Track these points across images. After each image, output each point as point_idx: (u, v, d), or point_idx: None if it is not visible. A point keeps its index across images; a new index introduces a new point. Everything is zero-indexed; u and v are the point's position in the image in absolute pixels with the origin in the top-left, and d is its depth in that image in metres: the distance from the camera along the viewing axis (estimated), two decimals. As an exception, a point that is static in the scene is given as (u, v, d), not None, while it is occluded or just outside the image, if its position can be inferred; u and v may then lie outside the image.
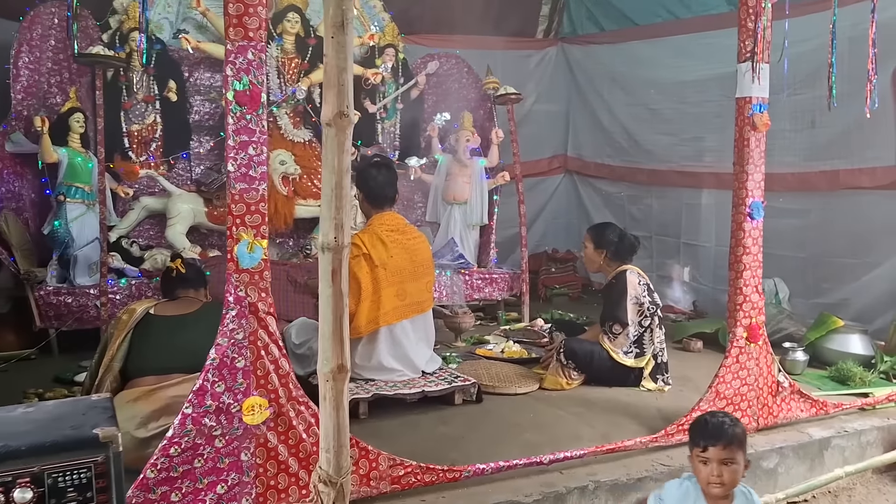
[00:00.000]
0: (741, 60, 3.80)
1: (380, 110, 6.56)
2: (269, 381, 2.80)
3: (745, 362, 3.84)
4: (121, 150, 5.67)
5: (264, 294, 2.79)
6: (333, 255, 2.23)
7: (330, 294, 2.25)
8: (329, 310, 2.25)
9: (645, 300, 4.43)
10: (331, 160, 2.22)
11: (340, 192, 2.23)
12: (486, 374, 4.45)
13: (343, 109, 2.20)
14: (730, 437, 2.55)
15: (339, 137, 2.22)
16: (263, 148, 2.77)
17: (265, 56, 2.76)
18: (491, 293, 6.29)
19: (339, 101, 2.21)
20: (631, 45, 7.26)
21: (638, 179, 7.28)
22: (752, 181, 3.81)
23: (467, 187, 6.35)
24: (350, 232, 2.26)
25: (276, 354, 2.81)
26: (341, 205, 2.23)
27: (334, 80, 2.21)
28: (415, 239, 4.18)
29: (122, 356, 3.15)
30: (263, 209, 2.78)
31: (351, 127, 2.23)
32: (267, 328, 2.79)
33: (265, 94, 2.76)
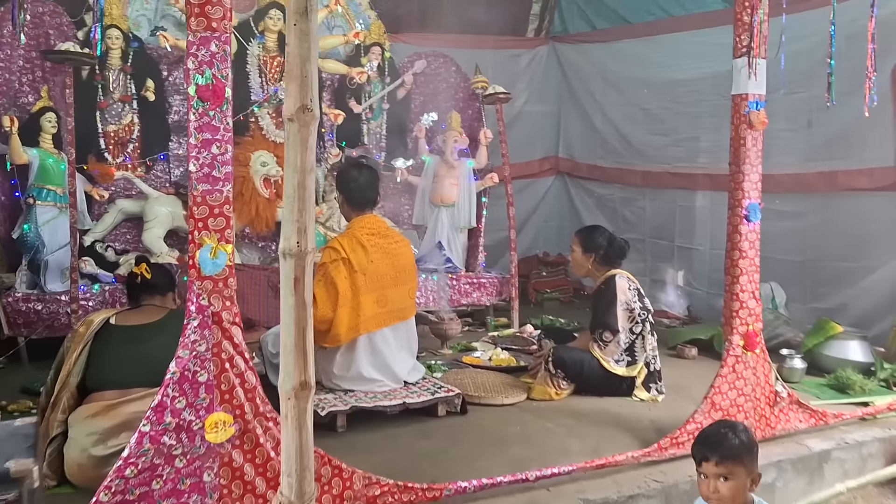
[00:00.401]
0: (737, 56, 3.64)
1: (365, 110, 6.39)
2: (235, 396, 2.62)
3: (741, 372, 3.68)
4: (96, 151, 5.47)
5: (229, 303, 2.62)
6: (296, 261, 2.06)
7: (292, 304, 2.08)
8: (291, 321, 2.08)
9: (635, 306, 4.26)
10: (293, 158, 2.04)
11: (304, 192, 2.05)
12: (471, 383, 4.27)
13: (307, 103, 2.03)
14: (724, 452, 2.36)
15: (302, 133, 2.04)
16: (228, 146, 2.60)
17: (230, 49, 2.58)
18: (479, 298, 6.12)
19: (302, 94, 2.03)
20: (623, 43, 7.11)
21: (631, 181, 7.11)
22: (748, 182, 3.65)
23: (455, 189, 6.18)
24: (314, 236, 2.09)
25: (241, 367, 2.63)
26: (305, 207, 2.05)
27: (297, 71, 2.03)
28: (397, 243, 4.01)
29: (80, 370, 2.95)
30: (228, 212, 2.61)
31: (315, 122, 2.05)
32: (232, 339, 2.62)
33: (230, 88, 2.58)
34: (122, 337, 3.01)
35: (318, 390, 3.88)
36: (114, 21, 5.46)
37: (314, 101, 2.03)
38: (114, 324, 3.06)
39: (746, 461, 2.37)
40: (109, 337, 3.00)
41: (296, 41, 2.01)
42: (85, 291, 4.82)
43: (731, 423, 2.51)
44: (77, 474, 2.86)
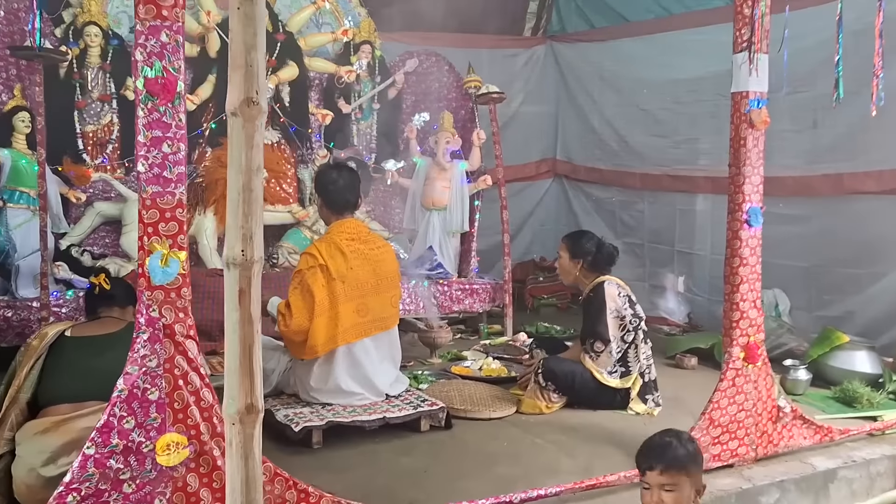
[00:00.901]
0: (737, 51, 3.44)
1: (355, 111, 6.19)
2: (189, 416, 2.42)
3: (742, 386, 3.47)
4: (73, 151, 5.28)
5: (183, 314, 2.42)
6: (241, 271, 1.86)
7: (237, 319, 1.87)
8: (236, 338, 1.88)
9: (626, 313, 4.05)
10: (237, 157, 1.84)
11: (250, 195, 1.85)
12: (458, 395, 4.07)
13: (251, 95, 1.82)
14: (669, 460, 2.22)
15: (247, 129, 1.84)
16: (181, 145, 2.40)
17: (182, 39, 2.38)
18: (471, 305, 5.90)
19: (246, 86, 1.83)
20: (622, 42, 6.89)
21: (629, 184, 6.90)
22: (749, 185, 3.44)
23: (447, 192, 5.97)
24: (261, 244, 1.89)
25: (197, 384, 2.43)
26: (251, 211, 1.85)
27: (241, 59, 1.83)
28: (379, 249, 3.80)
29: (31, 386, 2.74)
30: (181, 216, 2.40)
31: (262, 116, 1.85)
32: (186, 354, 2.42)
33: (183, 82, 2.38)
34: (77, 349, 2.81)
35: (295, 403, 3.68)
36: (93, 18, 5.27)
37: (261, 93, 1.83)
38: (69, 336, 2.85)
39: (692, 471, 2.25)
40: (63, 349, 2.80)
41: (239, 26, 1.82)
42: (58, 298, 4.62)
43: (676, 432, 2.38)
44: (26, 495, 2.66)
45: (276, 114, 5.68)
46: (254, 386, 1.86)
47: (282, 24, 5.73)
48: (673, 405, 4.20)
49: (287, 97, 5.75)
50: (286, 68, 5.66)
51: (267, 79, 5.46)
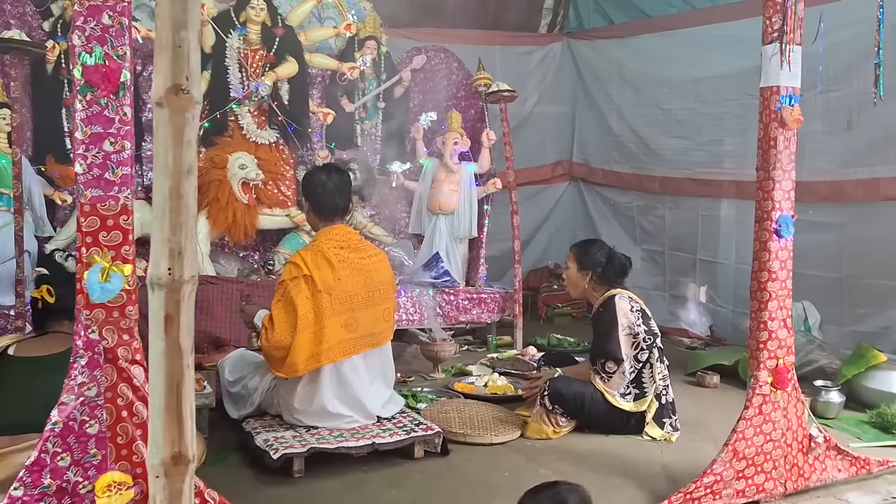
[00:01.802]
0: (767, 41, 3.08)
1: (359, 109, 5.89)
2: (135, 452, 2.13)
3: (769, 413, 3.12)
4: (60, 151, 5.04)
5: (127, 336, 2.13)
6: (168, 294, 1.55)
7: (162, 351, 1.56)
8: (161, 373, 1.57)
9: (640, 329, 3.71)
10: (163, 156, 1.53)
11: (179, 202, 1.54)
12: (457, 417, 3.74)
13: (180, 82, 1.51)
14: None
15: (175, 122, 1.52)
16: (126, 142, 2.10)
17: (127, 22, 2.09)
18: (479, 315, 5.57)
19: (174, 70, 1.51)
20: (642, 38, 6.54)
21: (649, 188, 6.54)
22: (779, 191, 3.09)
23: (454, 196, 5.65)
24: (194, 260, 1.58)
25: (144, 416, 2.14)
26: (180, 221, 1.54)
27: (168, 39, 1.51)
28: (370, 258, 3.49)
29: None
30: (126, 224, 2.11)
31: (194, 108, 1.54)
32: (131, 381, 2.13)
33: (127, 70, 2.09)
34: (19, 371, 2.51)
35: (278, 426, 3.38)
36: (82, 11, 5.01)
37: (193, 79, 1.52)
38: (11, 354, 2.54)
39: None
40: (3, 370, 2.50)
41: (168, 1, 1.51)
42: (37, 305, 4.35)
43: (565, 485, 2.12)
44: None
45: (274, 112, 5.39)
46: (183, 432, 1.55)
47: (281, 18, 5.45)
48: (693, 430, 3.86)
49: (286, 95, 5.46)
50: (285, 64, 5.37)
51: (265, 75, 5.24)
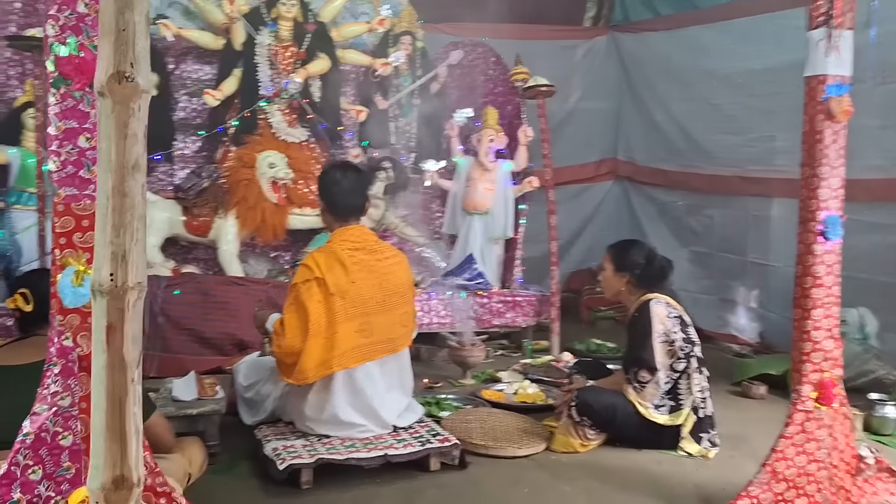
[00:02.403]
0: (813, 26, 2.82)
1: (393, 107, 5.75)
2: (112, 465, 2.00)
3: (813, 431, 2.86)
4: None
5: (104, 343, 1.99)
6: (110, 301, 1.42)
7: (104, 364, 1.43)
8: (102, 388, 1.44)
9: (676, 337, 3.47)
10: (106, 151, 1.41)
11: (122, 201, 1.41)
12: (479, 428, 3.56)
13: (124, 69, 1.38)
14: None
15: (118, 114, 1.40)
16: (101, 138, 1.98)
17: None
18: (514, 319, 5.38)
19: (117, 56, 1.38)
20: (690, 30, 6.25)
21: (696, 186, 6.24)
22: (826, 188, 2.83)
23: (489, 195, 5.47)
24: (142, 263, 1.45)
25: (122, 427, 2.01)
26: (124, 222, 1.41)
27: (111, 23, 1.39)
28: (387, 259, 3.33)
29: None
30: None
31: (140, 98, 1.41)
32: (108, 391, 2.00)
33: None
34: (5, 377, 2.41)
35: (290, 434, 3.25)
36: (113, 9, 4.98)
37: (138, 65, 1.39)
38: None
39: None
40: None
41: (109, -22, 1.37)
42: (61, 306, 4.33)
43: None
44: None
45: (305, 110, 5.28)
46: (126, 453, 1.42)
47: (313, 14, 5.34)
48: (733, 445, 3.60)
49: (317, 92, 5.35)
50: (316, 61, 5.26)
51: (295, 72, 5.14)
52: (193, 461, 2.71)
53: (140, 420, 1.44)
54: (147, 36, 1.38)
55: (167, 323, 4.28)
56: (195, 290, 4.40)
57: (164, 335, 4.27)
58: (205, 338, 4.34)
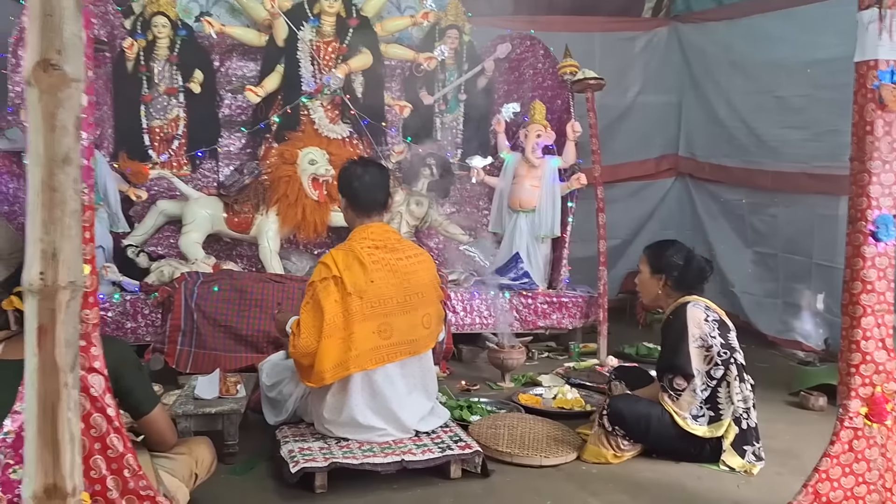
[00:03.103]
0: (863, 6, 2.60)
1: (438, 102, 5.64)
2: (93, 467, 1.96)
3: (862, 451, 2.62)
4: (138, 147, 5.09)
5: (84, 342, 1.95)
6: (40, 302, 1.35)
7: (35, 367, 1.37)
8: (34, 393, 1.37)
9: (714, 342, 3.24)
10: (35, 143, 1.33)
11: (51, 196, 1.34)
12: (507, 434, 3.41)
13: (50, 57, 1.31)
14: None
15: (45, 104, 1.33)
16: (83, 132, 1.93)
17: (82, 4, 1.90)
18: (559, 320, 5.20)
19: (43, 44, 1.31)
20: (754, 19, 5.92)
21: (760, 184, 5.91)
22: (877, 185, 2.61)
23: (536, 192, 5.30)
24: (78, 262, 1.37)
25: (103, 428, 1.97)
26: (55, 218, 1.34)
27: (37, 8, 1.32)
28: (409, 259, 3.22)
29: None
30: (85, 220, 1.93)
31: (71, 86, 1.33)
32: (88, 391, 1.96)
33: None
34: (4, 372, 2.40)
35: (309, 435, 3.18)
36: (161, 8, 5.05)
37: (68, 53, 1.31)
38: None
39: None
40: (-14, 373, 2.39)
41: (37, -40, 1.30)
42: (104, 300, 4.39)
43: None
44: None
45: (347, 106, 5.23)
46: (59, 460, 1.35)
47: (356, 8, 5.28)
48: (782, 460, 3.36)
49: (360, 88, 5.29)
50: (358, 56, 5.20)
51: (336, 68, 5.09)
52: (201, 462, 2.66)
53: (76, 426, 1.36)
54: (78, 20, 1.30)
55: (203, 319, 4.28)
56: (231, 287, 4.39)
57: (200, 331, 4.27)
58: (241, 335, 4.32)
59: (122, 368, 2.36)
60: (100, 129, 5.08)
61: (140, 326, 4.46)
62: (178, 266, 4.72)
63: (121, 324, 4.41)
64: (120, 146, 5.09)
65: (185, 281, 4.35)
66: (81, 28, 1.32)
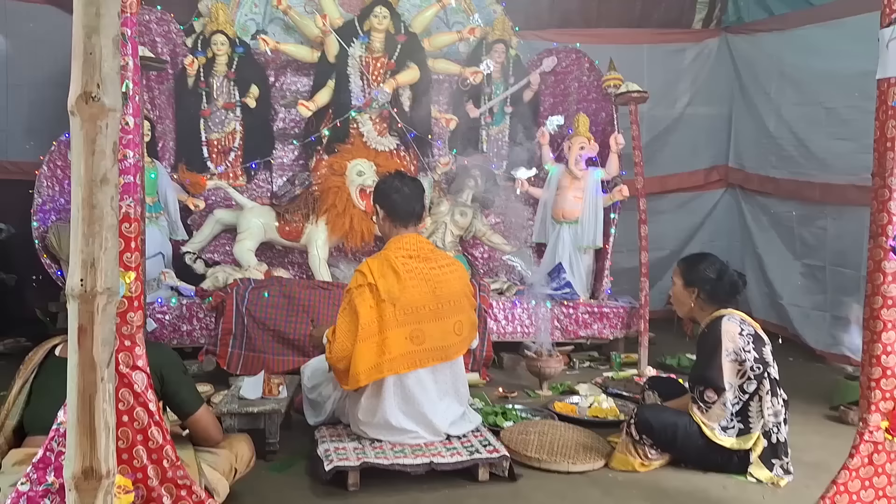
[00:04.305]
0: (885, 24, 2.62)
1: (484, 115, 5.77)
2: (135, 456, 2.15)
3: (882, 465, 2.64)
4: (197, 159, 5.37)
5: (129, 342, 2.15)
6: (81, 305, 1.53)
7: (76, 363, 1.54)
8: (74, 386, 1.55)
9: (748, 356, 3.27)
10: (76, 165, 1.51)
11: (91, 213, 1.51)
12: (536, 440, 3.51)
13: (90, 90, 1.49)
14: None
15: (86, 131, 1.50)
16: (128, 152, 2.14)
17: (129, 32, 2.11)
18: (600, 330, 5.26)
19: (84, 78, 1.49)
20: (804, 30, 5.87)
21: (808, 196, 5.85)
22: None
23: (578, 203, 5.38)
24: (115, 271, 1.54)
25: (144, 421, 2.16)
26: (93, 232, 1.51)
27: (80, 46, 1.50)
28: (442, 268, 3.36)
29: (20, 410, 2.54)
30: (129, 231, 2.14)
31: (108, 117, 1.51)
32: (132, 387, 2.15)
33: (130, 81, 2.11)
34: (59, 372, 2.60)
35: (345, 436, 3.34)
36: (220, 26, 5.31)
37: (105, 86, 1.48)
38: (57, 355, 2.66)
39: None
40: (49, 370, 2.61)
41: (81, 6, 1.48)
42: (162, 304, 4.65)
43: None
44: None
45: (395, 119, 5.40)
46: (95, 445, 1.52)
47: (405, 25, 5.46)
48: (812, 474, 3.35)
49: (408, 101, 5.46)
50: (406, 71, 5.37)
51: (384, 83, 5.27)
52: (240, 457, 2.84)
53: (111, 416, 1.54)
54: (116, 57, 1.48)
55: (252, 323, 4.49)
56: (280, 293, 4.59)
57: (250, 335, 4.48)
58: (288, 339, 4.51)
59: (167, 371, 2.57)
60: (162, 141, 5.37)
61: (195, 329, 4.70)
62: (231, 272, 4.97)
63: (177, 326, 4.65)
64: (180, 158, 5.38)
65: (237, 287, 4.57)
66: (119, 63, 1.49)
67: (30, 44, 5.52)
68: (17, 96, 5.57)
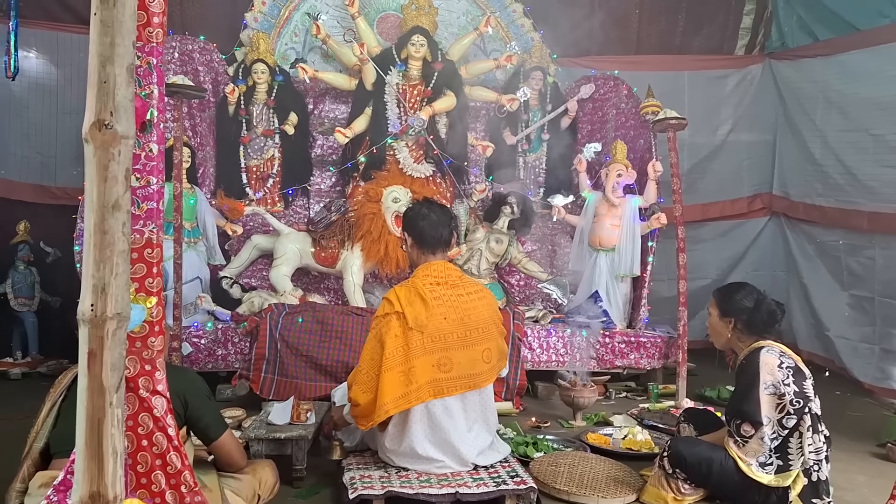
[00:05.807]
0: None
1: (521, 142, 5.75)
2: (154, 481, 2.15)
3: (928, 507, 2.51)
4: (236, 185, 5.45)
5: (149, 367, 2.16)
6: (91, 330, 1.54)
7: (85, 387, 1.55)
8: (83, 410, 1.55)
9: (787, 389, 3.15)
10: (90, 192, 1.53)
11: (102, 238, 1.52)
12: (567, 472, 3.43)
13: (104, 118, 1.51)
14: None
15: (99, 157, 1.52)
16: (151, 178, 2.17)
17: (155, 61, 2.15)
18: (637, 360, 5.15)
19: (98, 106, 1.51)
20: (850, 55, 5.76)
21: (855, 225, 5.69)
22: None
23: (615, 231, 5.31)
24: (125, 296, 1.55)
25: (163, 446, 2.16)
26: (104, 258, 1.53)
27: (95, 75, 1.52)
28: (470, 295, 3.32)
29: (47, 433, 2.59)
30: (150, 257, 2.16)
31: (121, 144, 1.53)
32: (151, 411, 2.16)
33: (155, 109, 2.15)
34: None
35: (373, 464, 3.31)
36: (260, 55, 5.42)
37: (118, 114, 1.51)
38: (85, 377, 2.69)
39: None
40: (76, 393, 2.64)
41: (96, 36, 1.51)
42: (198, 329, 4.71)
43: None
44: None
45: (431, 146, 5.42)
46: (103, 470, 1.52)
47: (442, 53, 5.49)
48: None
49: (444, 128, 5.48)
50: (442, 98, 5.40)
51: (421, 110, 5.30)
52: (264, 483, 2.84)
53: (119, 441, 1.54)
54: (129, 86, 1.50)
55: (286, 348, 4.51)
56: (314, 319, 4.60)
57: (283, 360, 4.50)
58: (320, 364, 4.51)
59: (192, 397, 2.58)
60: (202, 168, 5.47)
61: (230, 353, 4.73)
62: (267, 297, 5.00)
63: (212, 351, 4.69)
64: (219, 184, 5.47)
65: (272, 312, 4.60)
66: (133, 92, 1.52)
67: (79, 73, 5.69)
68: (65, 124, 5.73)
